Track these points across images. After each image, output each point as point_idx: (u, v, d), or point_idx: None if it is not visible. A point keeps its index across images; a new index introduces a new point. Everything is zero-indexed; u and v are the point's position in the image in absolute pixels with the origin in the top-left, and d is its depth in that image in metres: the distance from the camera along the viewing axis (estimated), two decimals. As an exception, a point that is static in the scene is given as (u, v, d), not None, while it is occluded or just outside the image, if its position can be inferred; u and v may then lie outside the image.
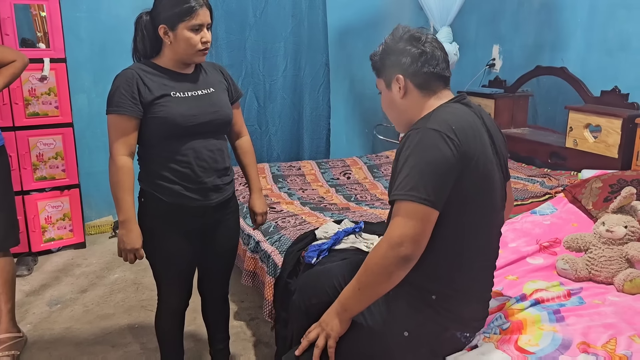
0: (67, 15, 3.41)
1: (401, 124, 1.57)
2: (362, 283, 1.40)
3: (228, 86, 1.94)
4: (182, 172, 1.78)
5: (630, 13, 3.16)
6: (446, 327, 1.47)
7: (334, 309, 1.49)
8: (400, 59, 1.47)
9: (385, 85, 1.54)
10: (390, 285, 1.37)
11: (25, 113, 3.25)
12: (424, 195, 1.30)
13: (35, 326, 2.68)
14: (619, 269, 1.95)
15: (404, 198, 1.32)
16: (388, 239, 1.33)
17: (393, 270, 1.33)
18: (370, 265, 1.38)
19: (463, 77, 4.37)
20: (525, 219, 2.52)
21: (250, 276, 2.56)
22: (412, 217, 1.31)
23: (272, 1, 3.85)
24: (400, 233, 1.31)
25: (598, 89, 3.25)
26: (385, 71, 1.52)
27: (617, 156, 2.98)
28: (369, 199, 3.16)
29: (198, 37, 1.73)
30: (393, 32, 1.52)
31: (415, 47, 1.46)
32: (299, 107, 4.11)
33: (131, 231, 1.77)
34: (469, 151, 1.35)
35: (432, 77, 1.47)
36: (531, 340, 1.56)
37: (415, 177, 1.31)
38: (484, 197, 1.42)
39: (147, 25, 1.77)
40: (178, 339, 2.09)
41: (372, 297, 1.41)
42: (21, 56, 2.39)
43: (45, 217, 3.44)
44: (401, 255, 1.31)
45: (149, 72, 1.76)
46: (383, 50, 1.52)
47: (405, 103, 1.50)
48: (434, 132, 1.34)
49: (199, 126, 1.77)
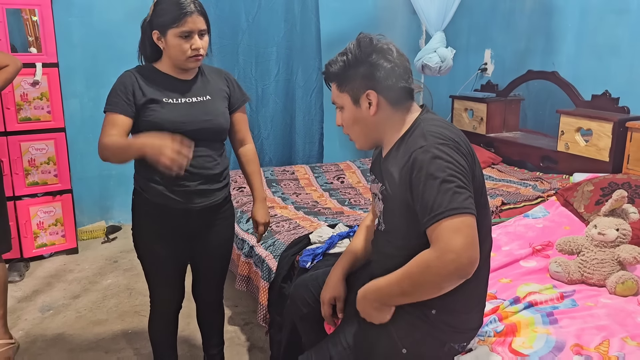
0: (60, 19, 3.41)
1: (367, 142, 1.50)
2: (406, 292, 1.33)
3: (230, 93, 1.93)
4: (166, 175, 1.71)
5: (620, 18, 3.20)
6: (444, 342, 1.45)
7: (372, 306, 1.41)
8: (372, 73, 1.39)
9: (351, 101, 1.43)
10: (437, 295, 1.31)
11: (17, 118, 3.23)
12: (465, 205, 1.24)
13: (28, 332, 2.66)
14: (611, 271, 1.97)
15: (448, 215, 1.23)
16: (441, 254, 1.23)
17: (445, 287, 1.28)
18: (418, 279, 1.29)
19: (455, 81, 4.40)
20: (518, 222, 2.54)
21: (245, 281, 2.55)
22: (463, 230, 1.23)
23: (265, 6, 3.86)
24: (458, 247, 1.22)
25: (589, 93, 3.28)
26: (351, 85, 1.42)
27: (608, 159, 3.01)
28: (363, 203, 3.17)
29: (188, 44, 1.73)
30: (359, 42, 1.42)
31: (388, 61, 1.39)
32: (291, 111, 4.12)
33: (152, 137, 1.61)
34: (470, 159, 1.34)
35: (403, 92, 1.41)
36: (525, 343, 1.57)
37: (449, 193, 1.24)
38: (482, 205, 1.41)
39: (147, 29, 1.78)
40: (171, 343, 2.09)
41: (417, 300, 1.35)
42: (14, 61, 2.38)
43: (37, 223, 3.42)
44: (461, 268, 1.23)
45: (147, 75, 1.78)
46: (348, 62, 1.41)
47: (376, 120, 1.43)
48: (443, 147, 1.29)
49: (188, 133, 1.73)
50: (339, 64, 1.43)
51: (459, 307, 1.43)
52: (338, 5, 4.29)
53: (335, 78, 1.45)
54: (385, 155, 1.47)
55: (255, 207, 2.05)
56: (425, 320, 1.41)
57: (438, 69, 3.71)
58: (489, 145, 3.89)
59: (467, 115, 4.11)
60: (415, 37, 4.66)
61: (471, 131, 3.98)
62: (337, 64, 1.44)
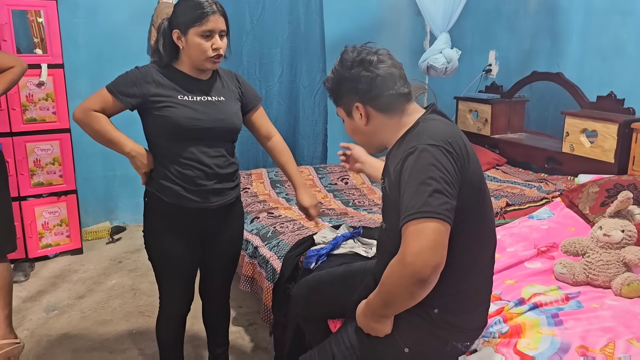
0: (65, 21, 3.42)
1: (372, 147, 1.54)
2: (386, 302, 1.33)
3: (242, 94, 1.95)
4: (184, 174, 1.79)
5: (624, 19, 3.19)
6: (447, 340, 1.45)
7: (370, 319, 1.41)
8: (355, 86, 1.41)
9: (345, 114, 1.48)
10: (414, 302, 1.30)
11: (22, 119, 3.25)
12: (438, 210, 1.22)
13: (32, 332, 2.67)
14: (616, 273, 1.96)
15: (416, 217, 1.22)
16: (402, 258, 1.24)
17: (413, 291, 1.25)
18: (388, 285, 1.30)
19: (459, 82, 4.40)
20: (523, 224, 2.53)
21: (249, 281, 2.55)
22: (426, 234, 1.21)
23: (269, 7, 3.87)
24: (415, 250, 1.21)
25: (594, 94, 3.27)
26: (342, 100, 1.46)
27: (613, 161, 3.00)
28: (367, 204, 3.17)
29: (208, 43, 1.74)
30: (342, 57, 1.44)
31: (369, 72, 1.39)
32: (295, 112, 4.13)
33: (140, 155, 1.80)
34: (465, 163, 1.32)
35: (392, 99, 1.42)
36: (530, 344, 1.56)
37: (424, 195, 1.23)
38: (481, 207, 1.40)
39: (166, 30, 1.79)
40: (178, 345, 2.10)
41: (402, 308, 1.35)
42: (20, 62, 2.39)
43: (42, 223, 3.43)
44: (418, 271, 1.21)
45: (165, 73, 1.80)
46: (335, 78, 1.45)
47: (371, 128, 1.46)
48: (432, 148, 1.28)
49: (203, 131, 1.78)
50: (330, 81, 1.48)
51: (461, 306, 1.43)
52: (342, 6, 4.29)
53: (330, 94, 1.51)
54: (387, 154, 1.49)
55: (299, 193, 2.04)
56: (427, 319, 1.41)
57: (444, 70, 3.71)
58: (493, 147, 3.89)
59: (471, 117, 4.10)
60: (420, 39, 4.66)
61: (475, 132, 3.97)
62: (328, 80, 1.49)
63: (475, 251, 1.42)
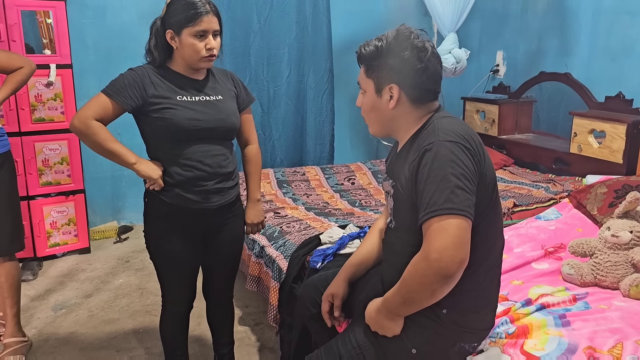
0: (73, 21, 3.44)
1: (380, 131, 1.50)
2: (406, 299, 1.33)
3: (238, 93, 1.95)
4: (185, 175, 1.79)
5: (634, 19, 3.17)
6: (455, 341, 1.44)
7: (384, 317, 1.40)
8: (401, 69, 1.38)
9: (374, 89, 1.43)
10: (434, 300, 1.30)
11: (31, 119, 3.27)
12: (461, 207, 1.23)
13: (40, 331, 2.68)
14: (624, 274, 1.95)
15: (439, 213, 1.22)
16: (426, 255, 1.24)
17: (436, 288, 1.26)
18: (410, 283, 1.30)
19: (467, 83, 4.39)
20: (530, 224, 2.52)
21: (255, 281, 2.56)
22: (450, 230, 1.22)
23: (277, 8, 3.87)
24: (441, 247, 1.21)
25: (602, 94, 3.26)
26: (379, 74, 1.41)
27: (621, 161, 2.98)
28: (374, 204, 3.16)
29: (202, 43, 1.74)
30: (398, 33, 1.40)
31: (420, 61, 1.37)
32: (302, 112, 4.13)
33: (148, 163, 1.78)
34: (481, 160, 1.33)
35: (428, 93, 1.42)
36: (537, 345, 1.56)
37: (446, 192, 1.23)
38: (494, 205, 1.40)
39: (159, 30, 1.79)
40: (182, 343, 2.10)
41: (421, 307, 1.35)
42: (28, 62, 2.41)
43: (50, 222, 3.45)
44: (444, 268, 1.22)
45: (160, 73, 1.79)
46: (381, 50, 1.40)
47: (393, 113, 1.43)
48: (450, 144, 1.28)
49: (203, 131, 1.78)
50: (371, 49, 1.42)
51: (469, 306, 1.42)
52: (349, 7, 4.29)
53: (365, 61, 1.44)
54: (399, 151, 1.47)
55: (247, 207, 2.05)
56: (435, 320, 1.41)
57: (453, 70, 3.71)
58: (500, 147, 3.87)
59: (478, 117, 4.09)
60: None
61: (483, 133, 3.96)
62: (369, 47, 1.42)
63: (485, 250, 1.42)
